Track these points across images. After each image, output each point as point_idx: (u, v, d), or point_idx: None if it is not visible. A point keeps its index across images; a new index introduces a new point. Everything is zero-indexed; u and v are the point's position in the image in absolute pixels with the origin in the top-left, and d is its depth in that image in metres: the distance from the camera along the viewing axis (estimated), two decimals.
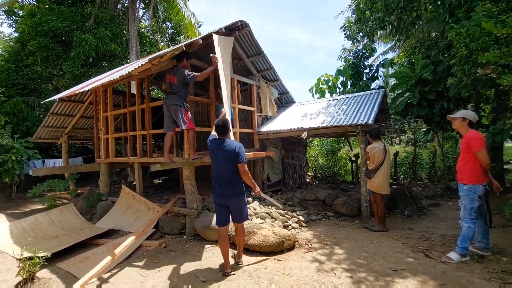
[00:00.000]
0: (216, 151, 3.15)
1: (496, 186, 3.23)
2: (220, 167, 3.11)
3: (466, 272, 2.93)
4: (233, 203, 3.11)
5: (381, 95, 6.24)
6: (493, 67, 3.97)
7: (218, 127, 3.18)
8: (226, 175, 3.08)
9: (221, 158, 3.10)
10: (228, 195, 3.09)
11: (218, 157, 3.13)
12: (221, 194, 3.10)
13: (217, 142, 3.17)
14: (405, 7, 6.23)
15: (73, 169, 7.19)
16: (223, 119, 3.26)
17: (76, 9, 10.77)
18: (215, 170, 3.17)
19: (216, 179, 3.14)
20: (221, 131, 3.17)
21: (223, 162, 3.09)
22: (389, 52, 13.99)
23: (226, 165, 3.08)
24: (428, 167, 10.87)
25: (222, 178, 3.09)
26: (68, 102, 6.89)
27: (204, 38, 4.78)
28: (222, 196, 3.10)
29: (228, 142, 3.14)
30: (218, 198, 3.13)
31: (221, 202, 3.13)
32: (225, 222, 3.16)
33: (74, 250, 3.96)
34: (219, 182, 3.11)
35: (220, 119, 3.29)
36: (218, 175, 3.13)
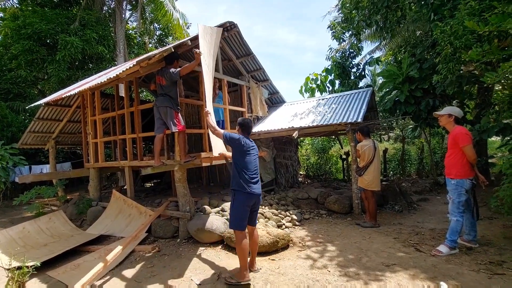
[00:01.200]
0: (251, 150, 3.10)
1: (482, 180, 3.34)
2: (256, 167, 3.10)
3: (456, 264, 3.01)
4: (259, 202, 3.12)
5: (369, 94, 6.35)
6: (476, 64, 4.08)
7: (246, 127, 3.18)
8: (257, 172, 3.09)
9: (255, 158, 3.12)
10: (259, 193, 3.06)
11: (254, 156, 3.11)
12: (257, 192, 3.00)
13: (250, 140, 3.15)
14: (390, 6, 6.36)
15: (61, 175, 7.03)
16: (248, 119, 3.30)
17: (61, 11, 10.52)
18: (250, 169, 3.03)
19: (250, 179, 3.00)
20: (248, 131, 3.20)
21: (256, 158, 3.12)
22: (376, 51, 14.20)
23: (257, 163, 3.13)
24: (417, 163, 11.11)
25: (255, 176, 3.05)
26: (55, 107, 6.73)
27: (193, 39, 4.76)
28: (256, 195, 3.00)
29: None
30: (251, 197, 2.97)
31: (252, 201, 3.00)
32: (246, 225, 3.04)
33: (64, 258, 3.87)
34: (253, 179, 3.02)
35: (245, 119, 3.30)
36: (253, 174, 3.03)
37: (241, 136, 3.08)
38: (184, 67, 4.19)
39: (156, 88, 4.34)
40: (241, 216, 2.95)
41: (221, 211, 4.81)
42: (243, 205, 2.95)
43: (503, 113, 4.08)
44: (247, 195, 2.94)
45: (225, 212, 4.76)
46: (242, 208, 2.96)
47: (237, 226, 2.94)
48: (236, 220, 2.95)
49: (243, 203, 2.95)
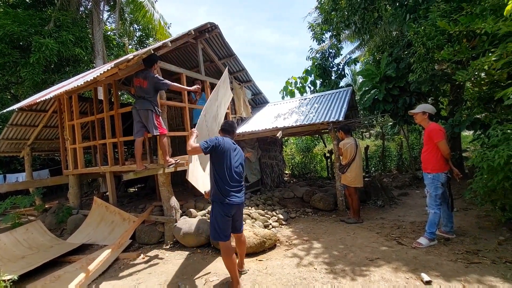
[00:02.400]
0: (232, 151, 2.83)
1: (456, 173, 3.51)
2: (238, 169, 2.85)
3: (435, 255, 3.14)
4: (241, 210, 2.97)
5: (350, 93, 6.51)
6: (448, 63, 4.29)
7: (227, 129, 3.02)
8: (240, 179, 2.87)
9: (238, 160, 2.88)
10: (240, 202, 2.85)
11: (235, 158, 2.85)
12: (236, 202, 2.78)
13: (231, 142, 2.91)
14: (367, 8, 6.56)
15: (38, 183, 6.72)
16: (230, 121, 3.15)
17: (34, 12, 10.06)
18: (229, 174, 2.77)
19: (230, 185, 2.76)
20: (229, 132, 3.03)
21: (239, 164, 2.89)
22: (355, 51, 14.58)
23: (240, 169, 2.89)
24: (396, 159, 11.50)
25: (237, 184, 2.82)
26: (29, 112, 6.42)
27: (173, 41, 4.70)
28: (236, 204, 2.79)
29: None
30: (231, 207, 2.76)
31: (232, 211, 2.79)
32: (230, 234, 2.85)
33: (44, 270, 3.71)
34: (234, 188, 2.78)
35: (226, 121, 3.15)
36: (233, 179, 2.78)
37: (219, 137, 2.84)
38: (176, 86, 4.22)
39: (135, 91, 4.23)
40: (222, 227, 2.76)
41: (207, 213, 4.78)
42: (222, 216, 2.75)
43: (474, 108, 4.31)
44: (226, 206, 2.75)
45: None
46: (221, 219, 2.75)
47: (219, 237, 2.76)
48: (217, 232, 2.76)
49: (221, 213, 2.75)
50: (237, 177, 2.84)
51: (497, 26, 3.31)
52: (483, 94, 4.03)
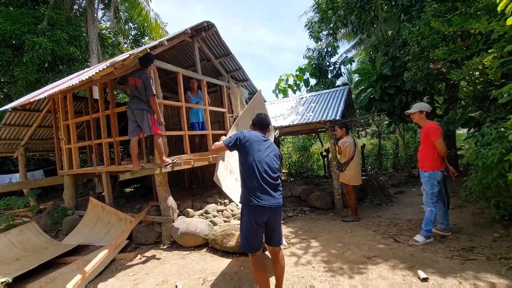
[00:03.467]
0: (261, 142, 2.42)
1: (452, 171, 3.55)
2: (271, 163, 2.37)
3: (431, 252, 3.17)
4: (278, 216, 2.40)
5: (346, 92, 6.53)
6: (443, 62, 4.33)
7: (258, 123, 2.61)
8: (274, 175, 2.35)
9: (271, 153, 2.43)
10: (276, 205, 2.31)
11: (265, 151, 2.41)
12: (269, 204, 2.27)
13: (260, 135, 2.51)
14: (364, 7, 6.58)
15: (32, 184, 6.64)
16: (261, 114, 2.68)
17: (27, 10, 9.91)
18: (259, 168, 2.31)
19: (259, 181, 2.28)
20: (261, 126, 2.61)
21: (272, 158, 2.41)
22: (351, 50, 14.65)
23: (274, 163, 2.40)
24: (392, 157, 11.59)
25: (270, 180, 2.31)
26: (23, 112, 6.33)
27: (170, 39, 4.67)
28: (269, 208, 2.27)
29: None
30: (261, 211, 2.26)
31: (263, 217, 2.28)
32: (260, 246, 2.39)
33: (39, 272, 3.66)
34: (265, 184, 2.29)
35: (258, 114, 2.69)
36: (263, 174, 2.30)
37: (243, 130, 2.50)
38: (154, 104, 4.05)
39: (129, 91, 4.20)
40: (249, 236, 2.32)
41: (204, 213, 4.77)
42: (249, 222, 2.29)
43: (469, 107, 4.35)
44: (253, 208, 2.26)
45: (209, 214, 4.71)
46: (249, 226, 2.30)
47: (246, 247, 2.34)
48: (244, 240, 2.35)
49: (248, 219, 2.29)
50: (270, 172, 2.34)
51: (491, 27, 3.35)
52: (477, 93, 4.07)
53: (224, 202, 5.39)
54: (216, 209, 4.95)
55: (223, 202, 5.38)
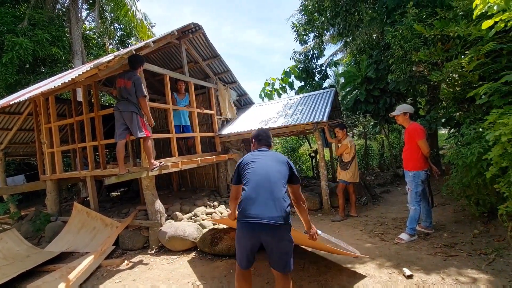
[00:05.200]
0: (256, 158, 2.23)
1: (435, 170, 3.67)
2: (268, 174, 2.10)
3: (416, 250, 3.26)
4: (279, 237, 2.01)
5: (333, 94, 6.63)
6: (424, 64, 4.48)
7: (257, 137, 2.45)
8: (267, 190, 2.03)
9: (264, 163, 2.18)
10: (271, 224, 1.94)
11: (260, 161, 2.20)
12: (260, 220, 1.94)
13: (259, 150, 2.36)
14: (349, 10, 6.73)
15: (13, 190, 6.39)
16: (261, 130, 2.52)
17: (6, 9, 9.56)
18: (254, 180, 2.09)
19: (247, 197, 2.04)
20: (260, 139, 2.43)
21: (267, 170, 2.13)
22: (338, 53, 14.89)
23: (274, 174, 2.12)
24: (378, 157, 11.83)
25: (260, 195, 2.02)
26: (2, 114, 6.10)
27: (156, 41, 4.62)
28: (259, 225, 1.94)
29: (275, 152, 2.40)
30: (248, 229, 2.00)
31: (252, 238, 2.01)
32: (247, 264, 2.14)
33: (21, 281, 3.52)
34: (255, 201, 2.00)
35: (258, 130, 2.53)
36: (252, 191, 2.05)
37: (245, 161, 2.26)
38: (145, 106, 4.04)
39: (118, 92, 4.11)
40: (239, 252, 2.13)
41: (193, 216, 4.72)
42: (238, 239, 2.09)
43: (450, 108, 4.52)
44: (243, 225, 2.01)
45: (198, 217, 4.67)
46: (237, 243, 2.12)
47: (237, 259, 2.18)
48: (236, 253, 2.18)
49: (237, 236, 2.09)
50: (266, 184, 2.05)
51: (469, 30, 3.50)
52: (457, 94, 4.23)
53: (213, 204, 5.35)
54: (205, 212, 4.91)
55: (212, 204, 5.34)
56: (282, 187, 2.08)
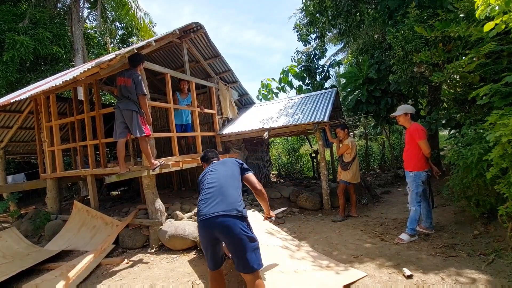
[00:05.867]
0: (209, 170, 2.45)
1: (435, 171, 3.66)
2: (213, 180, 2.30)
3: (416, 250, 3.26)
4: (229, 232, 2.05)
5: (334, 94, 6.64)
6: (426, 65, 4.48)
7: (204, 158, 2.74)
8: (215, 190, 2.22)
9: (215, 171, 2.41)
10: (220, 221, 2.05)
11: (211, 170, 2.43)
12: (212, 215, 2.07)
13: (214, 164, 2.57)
14: (351, 11, 6.73)
15: (13, 188, 6.39)
16: (205, 151, 2.82)
17: (7, 7, 9.57)
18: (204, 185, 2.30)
19: (202, 198, 2.23)
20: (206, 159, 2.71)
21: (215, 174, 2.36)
22: (339, 53, 14.91)
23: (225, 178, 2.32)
24: (379, 158, 11.84)
25: (210, 195, 2.19)
26: (2, 112, 6.11)
27: (157, 40, 4.62)
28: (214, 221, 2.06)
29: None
30: (205, 226, 2.12)
31: (210, 234, 2.11)
32: (215, 264, 2.25)
33: (21, 279, 3.53)
34: (208, 201, 2.17)
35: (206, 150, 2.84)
36: (206, 192, 2.24)
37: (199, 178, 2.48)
38: (144, 102, 4.03)
39: (118, 91, 4.11)
40: (205, 253, 2.25)
41: (193, 215, 4.72)
42: (201, 238, 2.22)
43: (451, 109, 4.52)
44: (199, 224, 2.15)
45: None
46: (201, 243, 2.26)
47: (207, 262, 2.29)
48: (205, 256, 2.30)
49: (200, 235, 2.22)
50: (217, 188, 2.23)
51: (469, 32, 3.50)
52: (458, 95, 4.23)
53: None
54: None
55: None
56: (234, 189, 2.24)
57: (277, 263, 2.92)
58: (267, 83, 11.72)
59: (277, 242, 3.54)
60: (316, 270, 2.87)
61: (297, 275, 2.74)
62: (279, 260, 3.01)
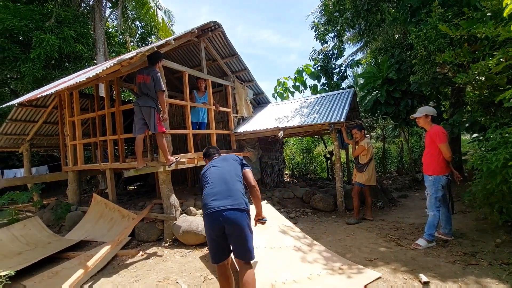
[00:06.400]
0: (212, 164, 2.55)
1: (456, 176, 3.52)
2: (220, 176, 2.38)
3: (433, 256, 3.15)
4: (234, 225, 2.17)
5: (351, 94, 6.52)
6: (449, 66, 4.31)
7: (205, 154, 2.86)
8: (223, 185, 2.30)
9: (218, 166, 2.49)
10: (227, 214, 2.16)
11: (215, 165, 2.52)
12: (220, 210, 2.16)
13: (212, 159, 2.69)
14: (371, 10, 6.58)
15: (37, 179, 6.70)
16: (206, 148, 2.94)
17: (35, 7, 10.03)
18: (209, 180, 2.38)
19: (209, 193, 2.29)
20: (208, 155, 2.82)
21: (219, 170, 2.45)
22: (357, 52, 14.61)
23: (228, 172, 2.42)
24: (396, 161, 11.53)
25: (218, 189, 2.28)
26: (29, 107, 6.41)
27: (176, 39, 4.70)
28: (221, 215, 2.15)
29: None
30: (212, 219, 2.19)
31: (217, 227, 2.18)
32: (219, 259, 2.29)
33: (41, 266, 3.70)
34: (216, 195, 2.26)
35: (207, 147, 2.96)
36: (212, 186, 2.32)
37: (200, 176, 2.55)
38: (162, 100, 4.10)
39: (137, 88, 4.22)
40: (210, 246, 2.31)
41: None
42: (207, 231, 2.28)
43: (475, 112, 4.33)
44: (207, 217, 2.22)
45: None
46: (207, 236, 2.30)
47: (210, 256, 2.34)
48: (209, 249, 2.36)
49: (206, 228, 2.28)
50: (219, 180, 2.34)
51: (497, 31, 3.34)
52: (483, 97, 4.04)
53: None
54: None
55: None
56: (237, 182, 2.35)
57: (291, 269, 2.91)
58: (284, 82, 11.64)
59: (289, 242, 3.53)
60: (330, 274, 2.84)
61: (311, 282, 2.71)
62: (292, 265, 3.01)
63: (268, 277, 2.72)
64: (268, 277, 2.74)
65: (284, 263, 3.05)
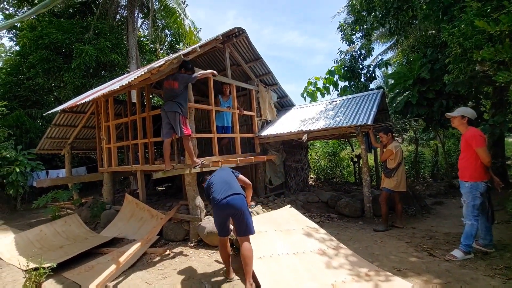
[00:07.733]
0: (214, 174, 3.37)
1: (497, 182, 3.24)
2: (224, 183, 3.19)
3: (470, 269, 2.92)
4: (237, 212, 3.01)
5: (380, 95, 6.27)
6: (489, 64, 3.99)
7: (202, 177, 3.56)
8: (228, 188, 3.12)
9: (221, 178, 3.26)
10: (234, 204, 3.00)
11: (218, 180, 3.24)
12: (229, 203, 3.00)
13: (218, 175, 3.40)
14: (401, 7, 6.29)
15: (76, 179, 7.25)
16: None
17: (76, 21, 10.94)
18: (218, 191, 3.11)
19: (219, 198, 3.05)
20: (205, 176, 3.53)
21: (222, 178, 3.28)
22: (387, 52, 14.04)
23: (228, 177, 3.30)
24: (431, 165, 10.83)
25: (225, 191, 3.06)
26: (70, 113, 6.97)
27: (202, 46, 4.85)
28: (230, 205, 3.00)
29: None
30: (222, 208, 3.04)
31: (225, 213, 3.04)
32: (226, 232, 3.16)
33: (79, 260, 3.99)
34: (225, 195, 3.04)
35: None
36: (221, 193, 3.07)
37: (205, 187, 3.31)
38: (201, 73, 4.41)
39: (164, 94, 4.43)
40: (218, 226, 3.15)
41: None
42: (214, 217, 3.20)
43: None
44: (216, 207, 3.06)
45: None
46: (214, 221, 3.23)
47: (218, 231, 3.18)
48: (217, 227, 3.21)
49: (214, 215, 3.21)
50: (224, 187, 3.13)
51: None
52: None
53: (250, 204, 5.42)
54: None
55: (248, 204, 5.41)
56: (234, 180, 3.25)
57: (314, 276, 2.86)
58: (315, 81, 11.53)
59: (314, 246, 3.46)
60: (355, 281, 2.74)
61: None
62: (315, 271, 2.95)
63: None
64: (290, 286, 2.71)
65: (307, 268, 3.00)
